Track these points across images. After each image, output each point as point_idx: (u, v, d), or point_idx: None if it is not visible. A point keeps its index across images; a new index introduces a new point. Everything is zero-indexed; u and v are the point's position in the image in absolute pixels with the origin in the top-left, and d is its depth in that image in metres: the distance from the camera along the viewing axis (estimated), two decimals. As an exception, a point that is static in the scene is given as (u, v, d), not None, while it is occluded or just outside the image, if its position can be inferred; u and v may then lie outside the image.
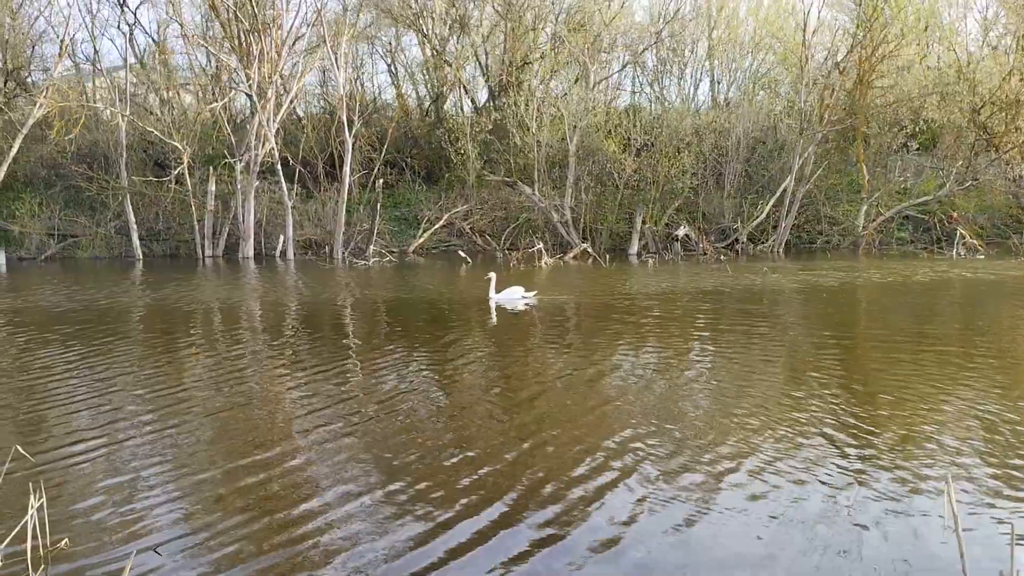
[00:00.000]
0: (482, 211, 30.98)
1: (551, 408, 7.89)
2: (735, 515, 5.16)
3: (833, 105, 28.12)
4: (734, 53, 35.77)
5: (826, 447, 6.42)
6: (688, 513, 5.20)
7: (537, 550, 4.75)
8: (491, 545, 4.83)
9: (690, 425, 7.12)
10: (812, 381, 8.67)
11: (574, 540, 4.86)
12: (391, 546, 4.81)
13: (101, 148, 30.50)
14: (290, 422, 7.50)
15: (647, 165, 28.81)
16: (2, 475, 5.37)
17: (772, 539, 4.82)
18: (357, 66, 34.72)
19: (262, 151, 27.91)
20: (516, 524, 5.10)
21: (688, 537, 4.89)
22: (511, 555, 4.69)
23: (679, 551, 4.72)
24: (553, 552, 4.72)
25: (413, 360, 10.32)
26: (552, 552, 4.72)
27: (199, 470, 6.16)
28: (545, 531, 4.99)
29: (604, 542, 4.83)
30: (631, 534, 4.93)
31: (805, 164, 28.24)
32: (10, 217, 29.39)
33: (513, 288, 15.77)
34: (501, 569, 4.53)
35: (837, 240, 29.68)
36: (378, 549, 4.78)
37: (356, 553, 4.72)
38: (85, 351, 11.03)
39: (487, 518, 5.19)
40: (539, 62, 31.98)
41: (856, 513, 5.15)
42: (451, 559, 4.66)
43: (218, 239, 29.37)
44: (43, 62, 32.67)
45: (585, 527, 5.04)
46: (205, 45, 30.30)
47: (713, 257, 26.37)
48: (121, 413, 7.78)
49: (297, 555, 4.72)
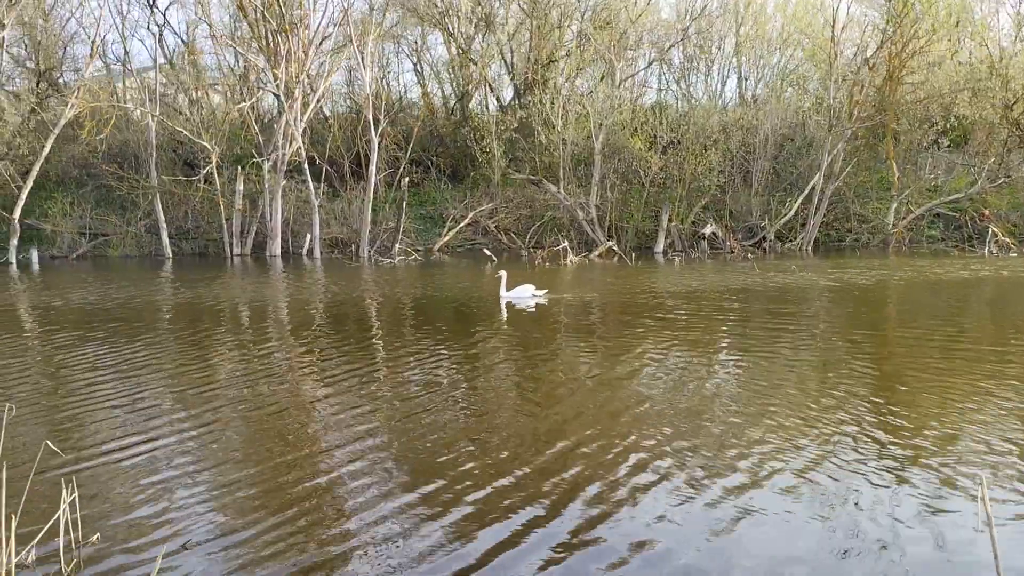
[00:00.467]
0: (507, 209, 30.99)
1: (582, 408, 7.86)
2: (770, 515, 5.11)
3: (862, 101, 27.83)
4: (762, 49, 35.51)
5: (860, 446, 6.35)
6: (724, 514, 5.15)
7: (571, 552, 4.72)
8: (524, 547, 4.81)
9: (724, 425, 7.06)
10: (844, 380, 8.57)
11: (608, 542, 4.82)
12: (422, 546, 4.81)
13: (131, 148, 30.88)
14: (319, 421, 7.54)
15: (673, 163, 28.68)
16: (33, 470, 5.44)
17: (807, 539, 4.77)
18: (383, 65, 34.88)
19: (289, 150, 28.10)
20: (549, 525, 5.07)
21: (725, 538, 4.85)
22: (544, 557, 4.67)
23: (714, 552, 4.68)
24: (587, 554, 4.69)
25: (441, 359, 10.33)
26: (586, 554, 4.69)
27: (229, 467, 6.20)
28: (579, 533, 4.97)
29: (638, 544, 4.79)
30: (666, 536, 4.90)
31: (834, 161, 27.97)
32: (42, 216, 29.82)
33: (524, 286, 15.86)
34: (534, 572, 4.52)
35: (866, 238, 29.37)
36: (409, 550, 4.78)
37: (387, 554, 4.72)
38: (116, 348, 11.16)
39: (520, 519, 5.17)
40: (565, 60, 31.92)
41: (891, 512, 5.09)
42: (483, 560, 4.65)
43: (246, 238, 29.62)
44: (74, 63, 33.16)
45: (619, 528, 5.01)
46: (233, 45, 30.57)
47: (740, 255, 26.19)
48: (152, 410, 7.86)
49: (327, 554, 4.74)
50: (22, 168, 28.64)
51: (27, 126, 29.18)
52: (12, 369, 9.96)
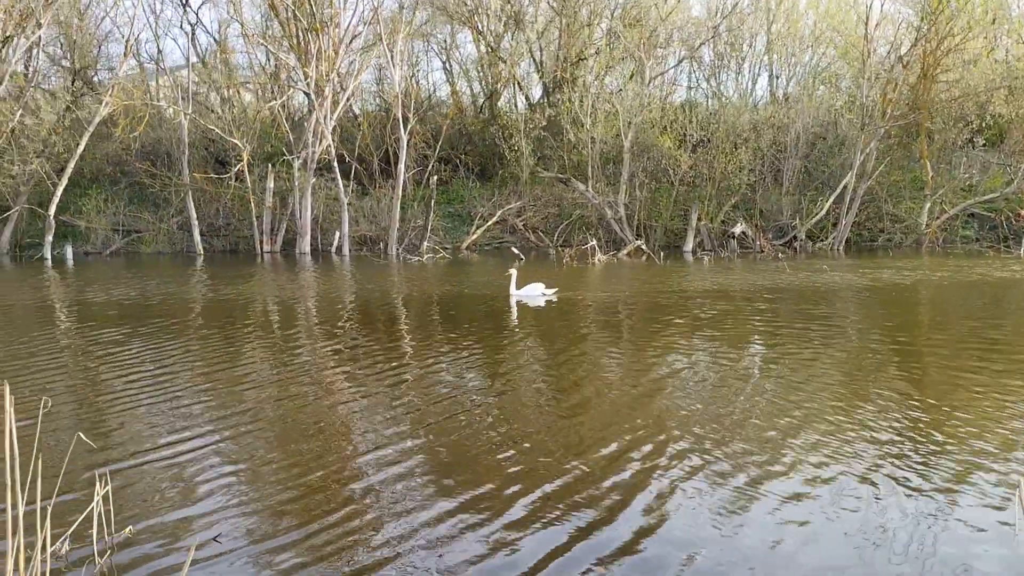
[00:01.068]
0: (535, 208, 30.96)
1: (607, 407, 7.84)
2: (798, 519, 5.06)
3: (896, 100, 27.46)
4: (794, 47, 35.14)
5: (889, 449, 6.27)
6: (751, 518, 5.11)
7: (607, 560, 4.70)
8: (562, 552, 4.78)
9: (751, 427, 7.00)
10: (874, 383, 8.47)
11: (648, 551, 4.78)
12: (448, 543, 4.82)
13: (164, 145, 31.22)
14: (349, 418, 7.58)
15: (703, 161, 28.49)
16: (66, 462, 5.51)
17: (834, 542, 4.72)
18: (412, 63, 34.98)
19: (319, 148, 28.27)
20: (586, 531, 5.05)
21: (751, 543, 4.80)
22: (582, 564, 4.66)
23: (743, 558, 4.64)
24: (626, 563, 4.67)
25: (467, 355, 10.34)
26: (624, 563, 4.66)
27: (260, 463, 6.25)
28: (603, 534, 4.95)
29: (674, 550, 4.76)
30: (692, 539, 4.86)
31: (867, 160, 27.64)
32: (77, 212, 30.24)
33: (533, 285, 15.98)
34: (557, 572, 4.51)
35: (899, 238, 29.00)
36: (437, 547, 4.79)
37: (418, 556, 4.73)
38: (150, 344, 11.29)
39: (557, 524, 5.14)
40: (594, 58, 31.81)
41: (922, 516, 5.02)
42: (506, 557, 4.65)
43: (276, 235, 29.84)
44: (109, 61, 33.56)
45: (645, 531, 4.98)
46: (264, 44, 30.78)
47: (771, 255, 25.96)
48: (185, 406, 7.94)
49: (352, 548, 4.76)
50: (57, 165, 29.06)
51: (62, 124, 29.59)
52: (48, 363, 10.11)
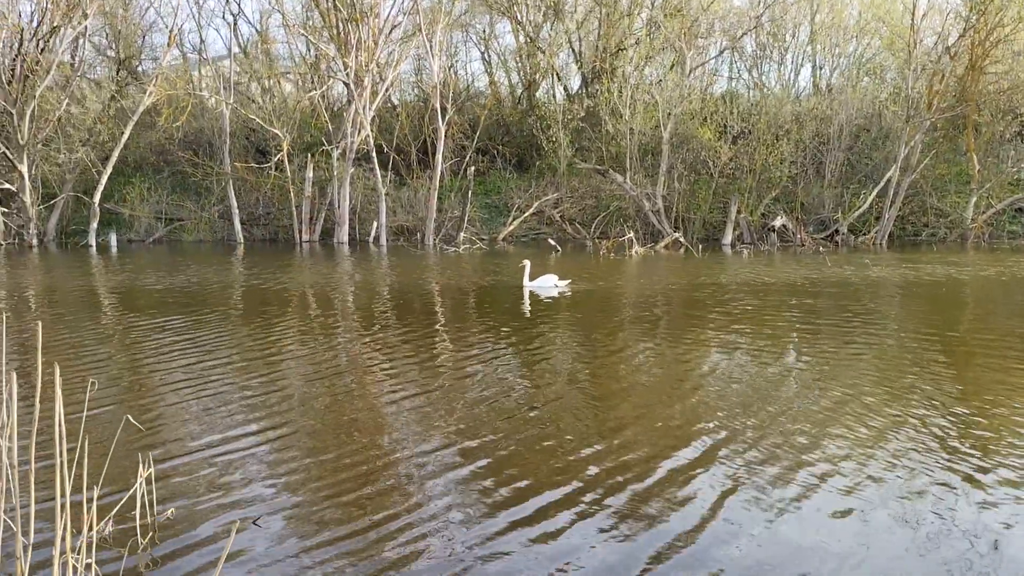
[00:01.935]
0: (572, 199, 30.87)
1: (646, 400, 7.79)
2: (837, 519, 4.99)
3: (942, 92, 26.89)
4: (838, 38, 34.56)
5: (935, 447, 6.15)
6: (788, 516, 5.03)
7: (627, 547, 4.68)
8: (590, 540, 4.78)
9: (792, 422, 6.91)
10: (918, 381, 8.32)
11: (665, 539, 4.77)
12: (488, 533, 4.83)
13: (206, 135, 31.61)
14: (386, 404, 7.62)
15: (744, 153, 28.19)
16: (113, 444, 5.60)
17: (874, 544, 4.64)
18: (451, 54, 34.99)
19: (358, 138, 28.43)
20: (614, 518, 5.04)
21: (788, 541, 4.74)
22: (603, 551, 4.63)
23: (778, 555, 4.59)
24: (642, 550, 4.64)
25: (502, 345, 10.35)
26: (641, 549, 4.64)
27: (299, 449, 6.30)
28: (644, 527, 4.92)
29: (695, 542, 4.72)
30: (725, 536, 4.81)
31: (911, 153, 27.13)
32: (121, 200, 30.76)
33: (546, 276, 16.19)
34: (588, 564, 4.49)
35: (944, 233, 28.46)
36: (471, 536, 4.79)
37: (455, 545, 4.73)
38: (192, 330, 11.45)
39: (583, 510, 5.14)
40: (634, 48, 31.57)
41: (961, 518, 4.92)
42: (545, 547, 4.64)
43: (315, 224, 30.10)
44: (152, 52, 34.06)
45: (677, 526, 4.94)
46: (305, 34, 30.99)
47: (811, 248, 25.63)
48: (225, 390, 8.04)
49: (388, 535, 4.78)
50: (102, 154, 29.58)
51: (107, 113, 30.11)
52: (94, 347, 10.30)
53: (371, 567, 4.41)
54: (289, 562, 4.46)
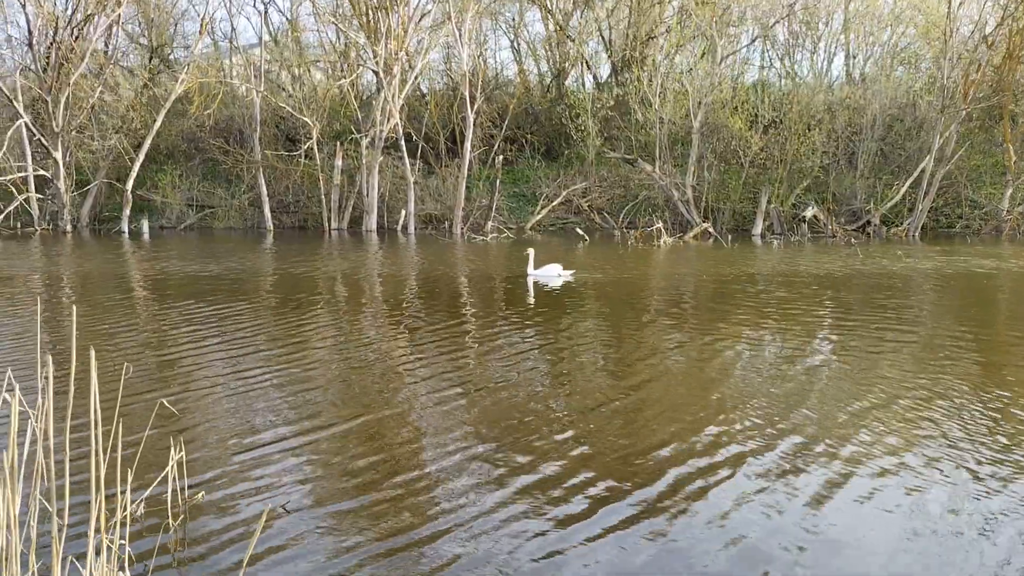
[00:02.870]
0: (601, 188, 30.73)
1: (671, 391, 7.76)
2: (868, 519, 4.95)
3: (979, 81, 26.39)
4: (872, 26, 33.99)
5: (966, 444, 6.08)
6: (820, 515, 5.00)
7: (655, 543, 4.67)
8: (611, 529, 4.78)
9: (819, 415, 6.86)
10: (950, 376, 8.22)
11: (692, 534, 4.75)
12: (513, 521, 4.85)
13: (236, 123, 31.80)
14: (414, 393, 7.67)
15: (775, 143, 27.85)
16: (148, 427, 5.68)
17: (912, 540, 4.61)
18: (480, 42, 34.89)
19: (387, 127, 28.48)
20: (638, 508, 5.03)
21: (819, 540, 4.71)
22: (640, 553, 4.63)
23: (810, 554, 4.56)
24: (670, 546, 4.63)
25: (532, 334, 10.35)
26: (669, 546, 4.63)
27: (330, 435, 6.36)
28: (668, 519, 4.91)
29: (722, 538, 4.71)
30: (754, 532, 4.79)
31: (946, 144, 26.67)
32: (153, 188, 31.08)
33: (550, 265, 16.06)
34: (613, 559, 4.48)
35: (978, 225, 27.99)
36: (504, 530, 4.81)
37: (481, 531, 4.76)
38: (224, 316, 11.58)
39: (606, 500, 5.14)
40: (664, 36, 31.31)
41: (995, 521, 4.85)
42: (567, 536, 4.64)
43: (343, 212, 30.22)
44: (184, 40, 34.35)
45: (704, 521, 4.93)
46: (335, 22, 31.05)
47: (843, 240, 25.34)
48: (256, 376, 8.13)
49: (418, 525, 4.81)
50: (135, 141, 29.89)
51: (140, 101, 30.42)
52: (129, 332, 10.44)
53: (401, 556, 4.44)
54: (318, 548, 4.50)
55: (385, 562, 4.35)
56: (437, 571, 4.26)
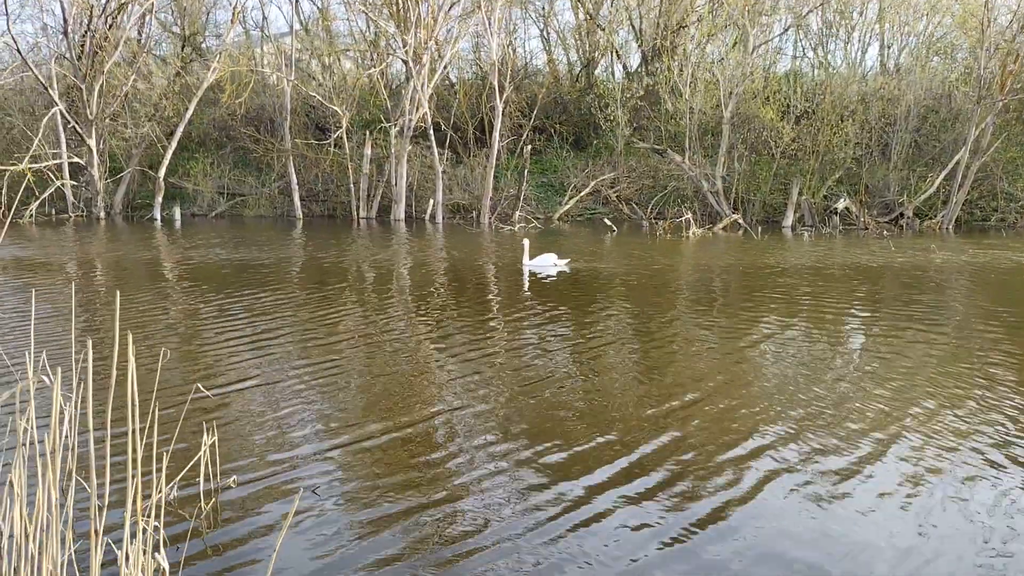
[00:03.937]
0: (629, 179, 30.57)
1: (698, 383, 7.73)
2: (899, 518, 4.91)
3: (1016, 72, 25.91)
4: (907, 16, 33.43)
5: (999, 441, 6.00)
6: (850, 514, 4.97)
7: (685, 540, 4.66)
8: (636, 520, 4.78)
9: (848, 410, 6.81)
10: (982, 372, 8.11)
11: (721, 531, 4.74)
12: (533, 512, 4.87)
13: (267, 112, 32.03)
14: (442, 381, 7.71)
15: (807, 134, 27.54)
16: (183, 413, 5.76)
17: (933, 540, 4.57)
18: (510, 31, 34.78)
19: (415, 116, 28.53)
20: (664, 500, 5.03)
21: (846, 536, 4.68)
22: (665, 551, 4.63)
23: (838, 552, 4.53)
24: (698, 544, 4.62)
25: (556, 326, 10.35)
26: (697, 544, 4.62)
27: (361, 423, 6.42)
28: (693, 511, 4.91)
29: (761, 537, 4.69)
30: (784, 530, 4.77)
31: (982, 135, 26.23)
32: (184, 175, 31.40)
33: (546, 255, 16.06)
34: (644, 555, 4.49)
35: (1014, 218, 27.52)
36: (520, 516, 4.83)
37: (508, 522, 4.78)
38: (257, 302, 11.70)
39: (631, 491, 5.14)
40: (696, 25, 31.04)
41: None
42: (592, 527, 4.65)
43: (372, 201, 30.34)
44: (216, 28, 34.61)
45: (736, 519, 4.91)
46: (365, 11, 31.09)
47: (875, 232, 25.05)
48: (286, 362, 8.21)
49: (446, 514, 4.84)
50: (167, 129, 30.20)
51: (172, 89, 30.70)
52: (163, 317, 10.58)
53: (428, 543, 4.47)
54: (348, 532, 4.55)
55: (418, 550, 4.38)
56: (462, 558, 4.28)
